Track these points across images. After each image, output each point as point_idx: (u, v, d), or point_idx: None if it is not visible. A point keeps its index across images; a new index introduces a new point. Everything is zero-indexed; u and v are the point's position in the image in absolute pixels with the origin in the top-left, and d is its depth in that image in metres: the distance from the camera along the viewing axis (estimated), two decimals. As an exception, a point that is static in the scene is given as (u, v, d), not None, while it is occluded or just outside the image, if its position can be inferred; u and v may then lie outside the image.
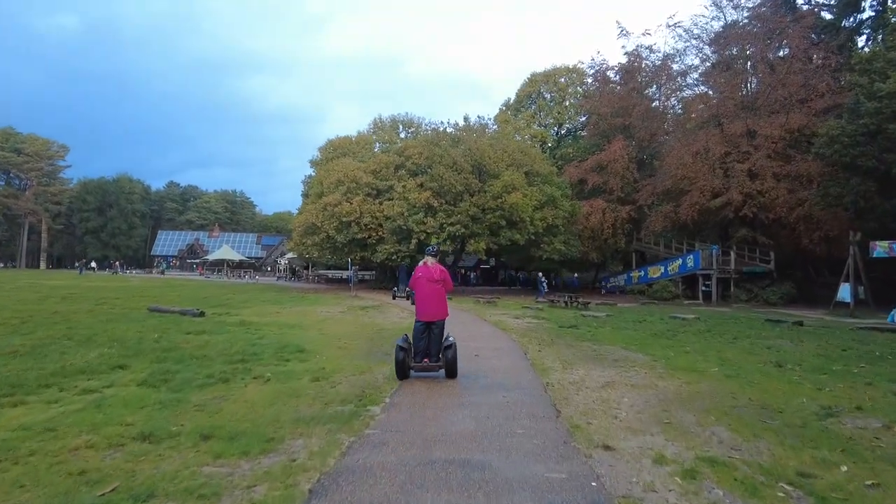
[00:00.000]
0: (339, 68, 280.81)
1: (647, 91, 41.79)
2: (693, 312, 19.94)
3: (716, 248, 31.12)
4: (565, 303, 20.77)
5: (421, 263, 7.01)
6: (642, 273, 36.59)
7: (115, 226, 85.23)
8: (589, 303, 20.71)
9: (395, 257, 28.75)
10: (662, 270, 34.40)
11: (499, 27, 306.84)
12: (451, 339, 6.81)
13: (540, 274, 28.60)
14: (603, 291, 32.89)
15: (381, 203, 29.33)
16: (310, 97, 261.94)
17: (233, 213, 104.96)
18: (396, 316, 14.73)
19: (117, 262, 73.24)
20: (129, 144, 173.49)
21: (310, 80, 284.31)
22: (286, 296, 23.34)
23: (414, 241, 27.67)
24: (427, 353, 6.66)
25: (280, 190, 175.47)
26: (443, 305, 6.92)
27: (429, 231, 27.36)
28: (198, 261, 69.35)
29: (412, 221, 27.34)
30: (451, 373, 6.51)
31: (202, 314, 13.14)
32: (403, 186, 28.84)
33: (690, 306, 25.81)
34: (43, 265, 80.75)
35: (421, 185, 28.90)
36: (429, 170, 29.28)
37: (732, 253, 31.18)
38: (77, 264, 59.65)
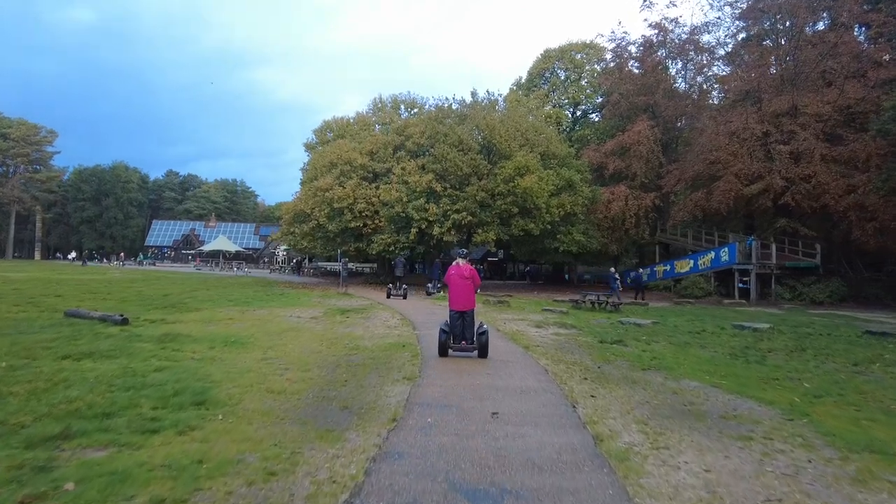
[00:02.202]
0: (347, 61, 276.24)
1: (672, 68, 38.07)
2: (748, 316, 16.55)
3: (751, 241, 27.58)
4: (592, 304, 17.40)
5: (454, 263, 8.33)
6: (668, 267, 33.14)
7: (111, 215, 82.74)
8: (620, 303, 17.33)
9: (392, 248, 25.40)
10: (692, 264, 30.91)
11: (507, 16, 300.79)
12: (484, 326, 8.07)
13: (612, 269, 25.12)
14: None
15: (377, 188, 25.98)
16: (318, 89, 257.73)
17: (233, 202, 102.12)
18: (384, 325, 11.42)
19: (123, 254, 70.51)
20: (138, 137, 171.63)
21: (318, 72, 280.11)
22: (264, 293, 20.12)
23: (414, 231, 24.30)
24: (464, 337, 7.83)
25: (288, 182, 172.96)
26: (472, 298, 8.09)
27: (430, 219, 23.98)
28: (193, 252, 66.43)
29: (412, 208, 23.97)
30: (483, 353, 7.76)
31: (125, 322, 9.93)
32: (402, 168, 25.43)
33: (732, 306, 22.36)
34: (38, 256, 78.42)
35: (422, 168, 25.48)
36: (431, 150, 25.88)
37: (774, 246, 27.63)
38: (59, 255, 56.74)
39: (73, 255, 56.41)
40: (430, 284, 22.67)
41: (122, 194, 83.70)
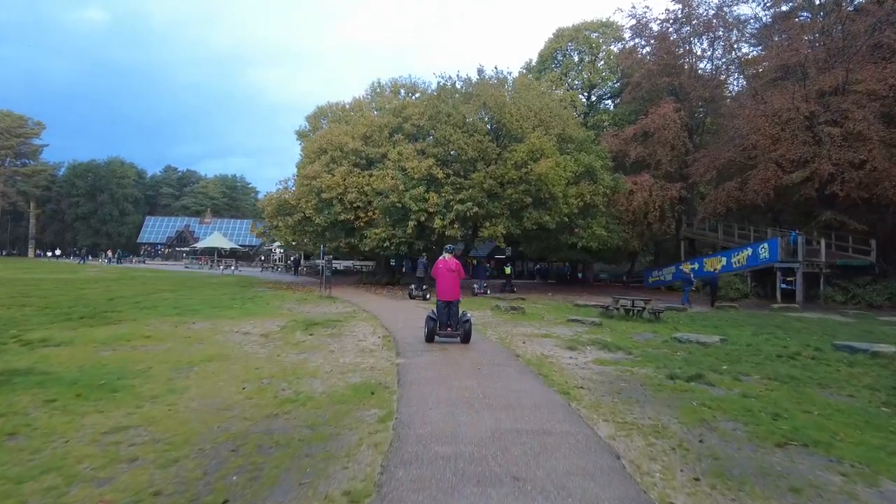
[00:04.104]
0: (354, 60, 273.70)
1: (697, 48, 34.61)
2: (815, 325, 13.31)
3: (795, 235, 24.26)
4: (627, 311, 14.17)
5: (441, 257, 9.06)
6: (696, 265, 29.73)
7: (105, 212, 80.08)
8: (661, 311, 14.09)
9: (386, 244, 22.22)
10: (724, 262, 27.59)
11: (519, 10, 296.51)
12: (468, 315, 8.93)
13: (684, 268, 22.21)
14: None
15: (370, 175, 22.81)
16: (326, 88, 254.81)
17: (232, 198, 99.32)
18: (357, 348, 8.25)
19: (109, 251, 67.94)
20: (146, 136, 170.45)
21: (326, 71, 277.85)
22: (232, 295, 17.01)
23: (412, 224, 21.10)
24: (449, 325, 8.59)
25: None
26: (457, 289, 8.77)
27: (431, 210, 20.79)
28: (186, 249, 63.58)
29: (409, 197, 20.77)
30: (466, 339, 8.52)
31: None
32: (399, 153, 22.26)
33: (783, 311, 19.04)
34: (31, 253, 76.12)
35: (422, 152, 22.30)
36: (432, 131, 22.72)
37: (822, 241, 24.29)
38: (40, 252, 53.87)
39: (57, 251, 53.58)
40: (476, 285, 22.56)
41: (118, 190, 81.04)
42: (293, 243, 29.99)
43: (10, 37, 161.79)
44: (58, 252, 53.31)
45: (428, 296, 18.67)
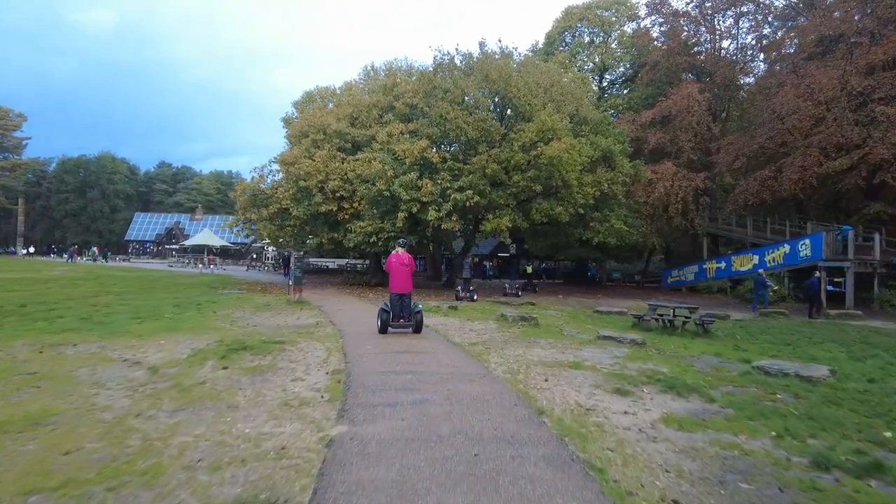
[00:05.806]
0: (356, 59, 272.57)
1: (721, 24, 31.53)
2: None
3: (848, 230, 21.20)
4: (666, 322, 11.16)
5: (393, 252, 9.33)
6: (723, 264, 26.73)
7: (96, 208, 77.35)
8: (711, 322, 11.04)
9: (373, 239, 19.21)
10: (756, 261, 24.53)
11: (520, 10, 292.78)
12: (419, 306, 9.34)
13: (761, 272, 19.56)
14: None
15: (355, 160, 19.81)
16: (335, 84, 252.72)
17: (227, 195, 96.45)
18: (280, 397, 5.20)
19: (96, 248, 65.21)
20: (153, 134, 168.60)
21: (329, 70, 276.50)
22: (181, 299, 14.04)
23: (402, 216, 18.09)
24: (402, 316, 8.93)
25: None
26: (409, 282, 9.04)
27: (424, 200, 17.77)
28: (175, 246, 60.69)
29: (399, 185, 17.77)
30: (418, 329, 8.99)
31: None
32: (388, 134, 19.26)
33: (845, 319, 15.96)
34: (19, 250, 73.47)
35: (414, 133, 19.32)
36: (427, 109, 19.73)
37: (877, 236, 21.25)
38: (14, 249, 51.04)
39: (31, 249, 50.95)
40: (507, 284, 21.91)
41: (108, 186, 78.34)
42: (279, 239, 27.10)
43: (17, 37, 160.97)
44: (31, 249, 50.54)
45: (476, 297, 16.90)
